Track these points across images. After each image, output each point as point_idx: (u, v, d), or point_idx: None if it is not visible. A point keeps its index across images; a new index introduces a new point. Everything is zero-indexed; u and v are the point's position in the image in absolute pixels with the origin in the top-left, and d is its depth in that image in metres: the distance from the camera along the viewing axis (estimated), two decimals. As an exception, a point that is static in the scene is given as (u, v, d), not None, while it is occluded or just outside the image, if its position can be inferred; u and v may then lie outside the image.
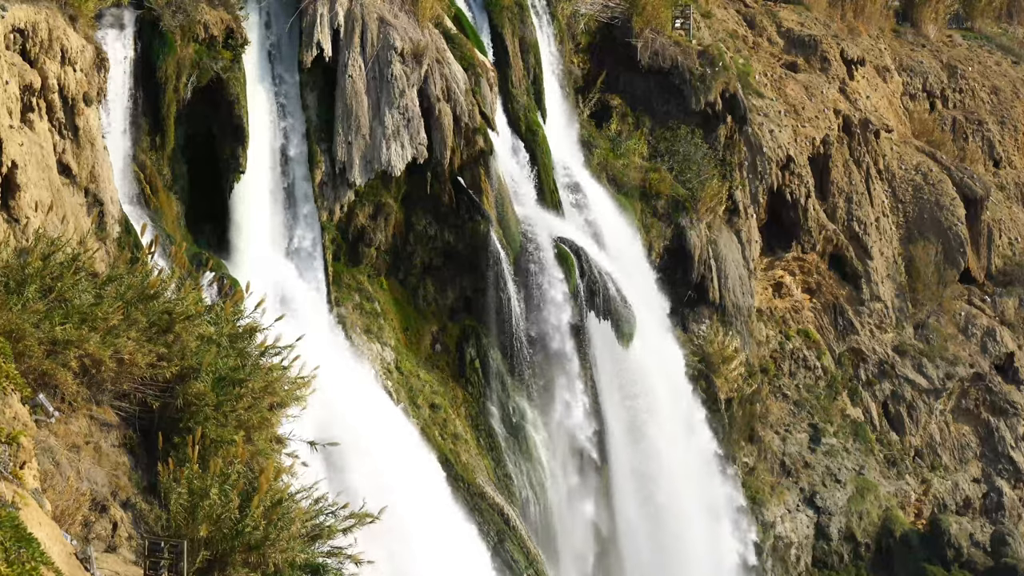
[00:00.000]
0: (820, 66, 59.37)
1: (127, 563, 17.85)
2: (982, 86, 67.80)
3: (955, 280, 59.54)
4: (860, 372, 55.59)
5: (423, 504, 33.75)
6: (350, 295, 38.22)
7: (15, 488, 15.09)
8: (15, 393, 16.67)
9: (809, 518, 51.18)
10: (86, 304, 19.42)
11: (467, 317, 40.37)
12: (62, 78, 29.19)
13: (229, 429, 19.91)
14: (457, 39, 40.81)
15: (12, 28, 27.85)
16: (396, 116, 37.77)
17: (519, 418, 40.52)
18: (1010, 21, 75.81)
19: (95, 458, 19.20)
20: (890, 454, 54.63)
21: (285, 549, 18.24)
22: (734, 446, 49.06)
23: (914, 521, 54.08)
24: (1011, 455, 57.16)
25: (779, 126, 53.66)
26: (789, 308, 54.95)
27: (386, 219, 38.94)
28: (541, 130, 43.79)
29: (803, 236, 54.29)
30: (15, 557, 13.36)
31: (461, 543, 35.62)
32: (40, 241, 20.43)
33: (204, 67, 34.72)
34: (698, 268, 47.55)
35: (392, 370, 38.19)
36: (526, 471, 40.35)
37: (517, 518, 38.42)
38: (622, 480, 42.97)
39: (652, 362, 44.09)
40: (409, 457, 35.77)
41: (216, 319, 21.71)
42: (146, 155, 34.05)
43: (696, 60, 49.35)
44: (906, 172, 60.24)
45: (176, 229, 34.11)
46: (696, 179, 48.44)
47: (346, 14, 37.67)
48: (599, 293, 41.80)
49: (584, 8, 48.96)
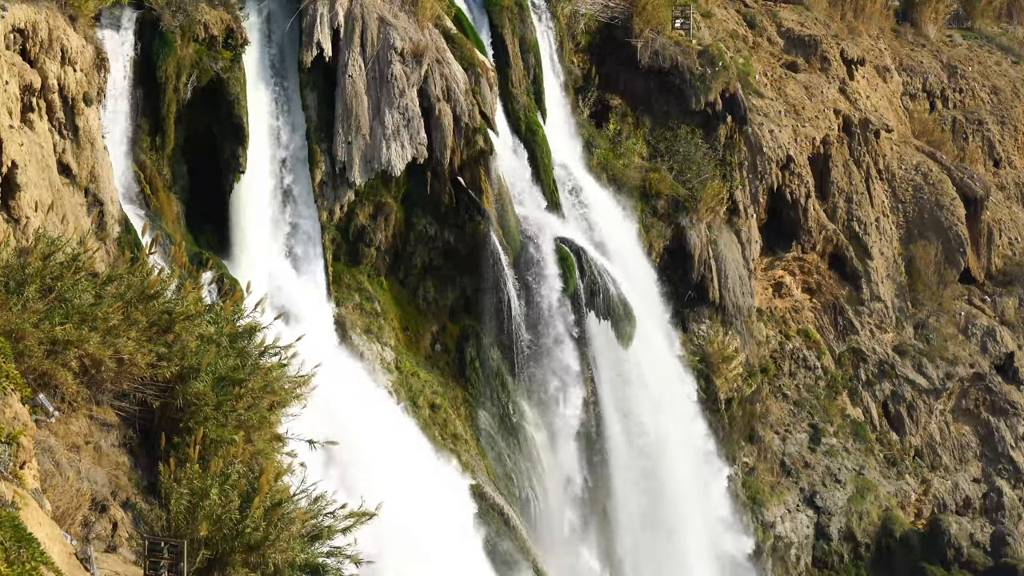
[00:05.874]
0: (820, 66, 59.36)
1: (127, 563, 17.85)
2: (982, 86, 67.80)
3: (955, 280, 59.53)
4: (860, 372, 55.58)
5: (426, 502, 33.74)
6: (350, 295, 38.22)
7: (15, 488, 15.09)
8: (15, 393, 16.67)
9: (809, 518, 51.18)
10: (86, 304, 19.41)
11: (467, 317, 40.37)
12: (62, 78, 29.19)
13: (229, 429, 19.91)
14: (457, 39, 40.81)
15: (12, 28, 27.85)
16: (396, 116, 37.78)
17: (519, 418, 40.52)
18: (1010, 21, 75.78)
19: (95, 458, 19.20)
20: (890, 454, 54.63)
21: (285, 549, 18.24)
22: (734, 446, 49.07)
23: (914, 521, 54.07)
24: (1011, 455, 57.15)
25: (779, 126, 53.65)
26: (789, 308, 54.94)
27: (386, 219, 38.94)
28: (541, 130, 43.79)
29: (803, 236, 54.28)
30: (15, 557, 13.35)
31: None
32: (40, 241, 20.42)
33: (204, 67, 34.72)
34: (698, 268, 47.54)
35: (392, 370, 38.19)
36: (526, 471, 40.35)
37: (517, 518, 38.42)
38: (622, 478, 42.99)
39: (652, 362, 44.09)
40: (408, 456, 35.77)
41: (216, 319, 21.70)
42: (146, 155, 34.05)
43: (696, 60, 49.34)
44: (906, 172, 60.24)
45: (176, 229, 34.10)
46: (696, 179, 48.44)
47: (346, 14, 37.68)
48: (599, 293, 41.80)
49: (584, 8, 48.94)
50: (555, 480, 41.28)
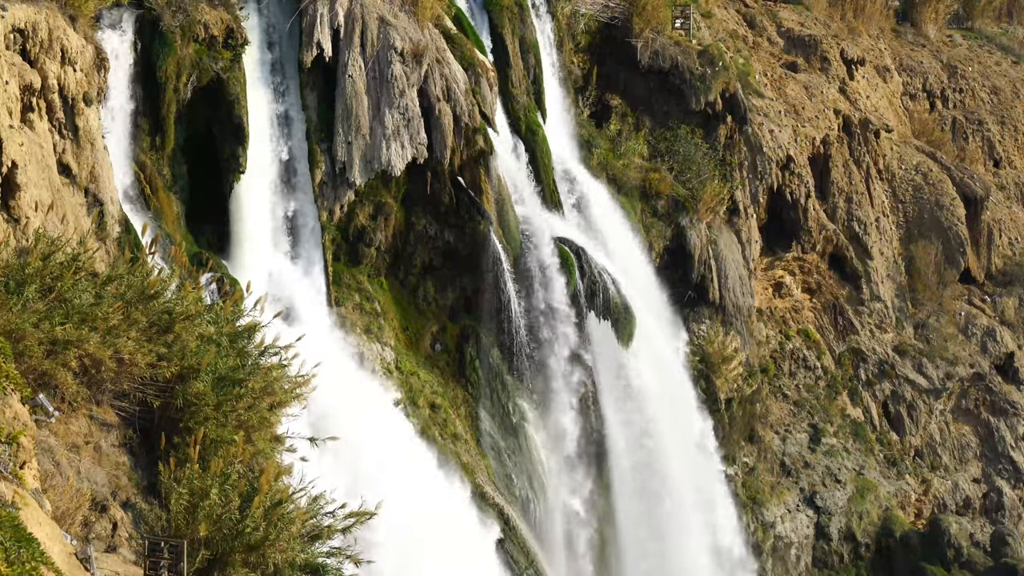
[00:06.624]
0: (820, 66, 59.38)
1: (127, 563, 17.85)
2: (982, 86, 67.80)
3: (955, 280, 59.54)
4: (860, 372, 55.59)
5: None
6: (350, 295, 38.22)
7: (15, 488, 15.08)
8: (15, 393, 16.67)
9: (809, 518, 51.18)
10: (86, 304, 19.41)
11: (467, 317, 40.36)
12: (62, 78, 29.19)
13: (229, 429, 19.91)
14: (457, 39, 40.81)
15: (12, 28, 27.85)
16: (396, 116, 37.77)
17: (519, 418, 40.52)
18: (1010, 21, 75.80)
19: (95, 458, 19.20)
20: (890, 454, 54.62)
21: (285, 549, 18.24)
22: (734, 446, 49.07)
23: (914, 521, 54.07)
24: (1011, 455, 57.16)
25: (779, 126, 53.65)
26: (789, 308, 54.94)
27: (386, 219, 38.94)
28: (541, 130, 43.79)
29: (803, 236, 54.28)
30: (15, 557, 13.35)
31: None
32: (40, 241, 20.43)
33: (204, 67, 34.72)
34: (698, 268, 47.55)
35: (392, 370, 38.19)
36: (526, 471, 40.35)
37: (517, 518, 38.42)
38: (622, 478, 42.99)
39: (652, 362, 44.09)
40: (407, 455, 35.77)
41: (216, 319, 21.71)
42: (146, 155, 34.05)
43: (696, 60, 49.34)
44: (906, 172, 60.24)
45: (176, 229, 34.10)
46: (696, 179, 48.45)
47: (346, 14, 37.67)
48: (599, 293, 41.80)
49: (584, 8, 48.94)
50: (555, 480, 41.27)
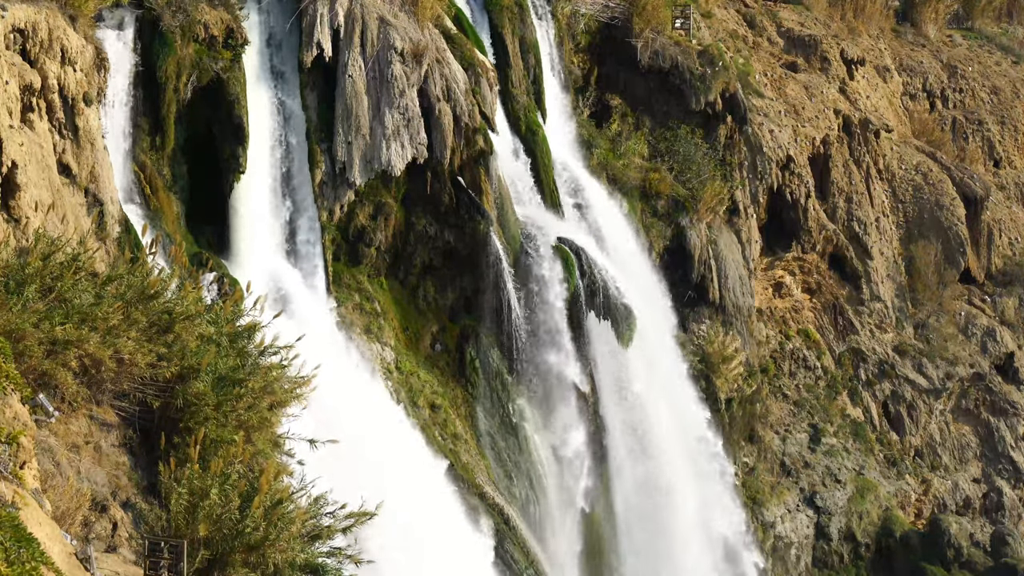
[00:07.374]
0: (820, 66, 59.37)
1: (127, 563, 17.84)
2: (982, 86, 67.79)
3: (955, 280, 59.54)
4: (860, 372, 55.58)
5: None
6: (350, 295, 38.22)
7: (15, 488, 15.08)
8: (15, 393, 16.66)
9: (809, 518, 51.17)
10: (86, 304, 19.40)
11: (467, 317, 40.37)
12: (62, 78, 29.19)
13: (229, 429, 19.89)
14: (457, 39, 40.81)
15: (12, 28, 27.85)
16: (396, 116, 37.78)
17: (519, 418, 40.53)
18: (1010, 21, 75.79)
19: (95, 458, 19.19)
20: (890, 454, 54.62)
21: (285, 549, 18.23)
22: (734, 446, 49.06)
23: (914, 521, 54.07)
24: (1011, 455, 57.15)
25: (779, 126, 53.65)
26: (789, 308, 54.93)
27: (386, 219, 38.94)
28: (541, 130, 43.79)
29: (803, 236, 54.28)
30: (15, 557, 13.35)
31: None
32: (40, 241, 20.42)
33: (204, 67, 34.73)
34: (698, 268, 47.55)
35: (392, 370, 38.19)
36: (526, 471, 40.36)
37: (517, 518, 38.42)
38: (622, 478, 42.99)
39: (652, 362, 44.09)
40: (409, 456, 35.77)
41: (216, 319, 21.70)
42: (146, 155, 34.05)
43: (696, 60, 49.34)
44: (906, 172, 60.24)
45: (176, 229, 34.10)
46: (696, 179, 48.44)
47: (346, 14, 37.68)
48: (599, 293, 41.80)
49: (584, 8, 48.94)
50: (555, 479, 41.28)
